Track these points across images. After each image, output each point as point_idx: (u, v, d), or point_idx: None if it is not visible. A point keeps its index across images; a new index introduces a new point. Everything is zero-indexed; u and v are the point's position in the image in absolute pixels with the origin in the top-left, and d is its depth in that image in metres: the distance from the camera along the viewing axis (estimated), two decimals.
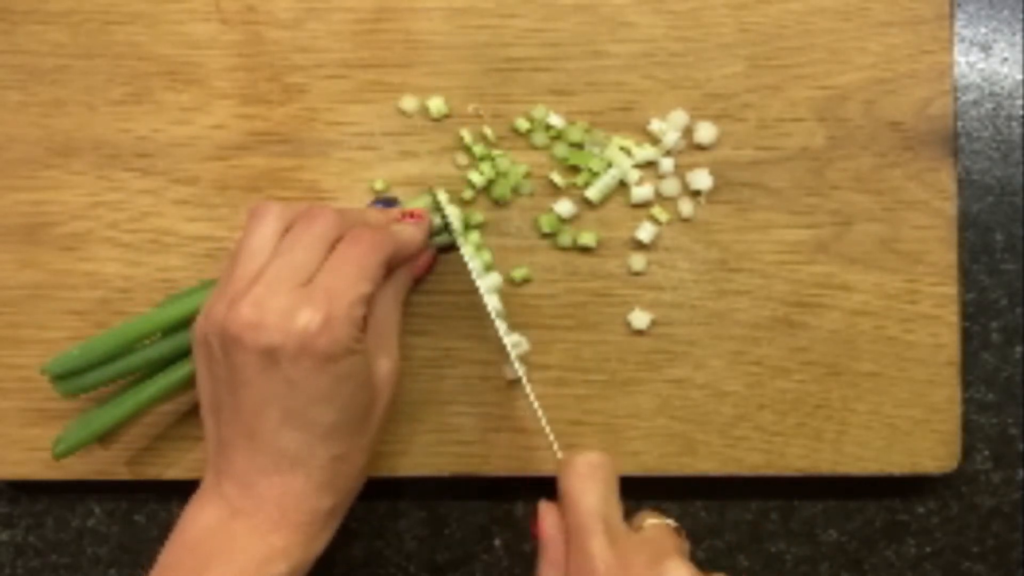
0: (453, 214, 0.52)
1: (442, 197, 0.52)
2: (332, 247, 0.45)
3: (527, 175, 0.54)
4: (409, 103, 0.54)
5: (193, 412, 0.54)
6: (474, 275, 0.51)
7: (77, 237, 0.54)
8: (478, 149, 0.54)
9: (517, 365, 0.51)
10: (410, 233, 0.50)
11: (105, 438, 0.53)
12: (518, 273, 0.54)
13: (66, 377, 0.50)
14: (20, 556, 0.57)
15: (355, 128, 0.55)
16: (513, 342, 0.53)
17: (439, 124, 0.55)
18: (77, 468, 0.54)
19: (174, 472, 0.54)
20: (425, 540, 0.57)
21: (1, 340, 0.54)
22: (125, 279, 0.54)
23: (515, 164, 0.54)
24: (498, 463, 0.54)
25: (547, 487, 0.53)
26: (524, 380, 0.50)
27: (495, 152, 0.54)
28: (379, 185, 0.54)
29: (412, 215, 0.51)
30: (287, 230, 0.46)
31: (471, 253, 0.53)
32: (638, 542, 0.44)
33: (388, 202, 0.53)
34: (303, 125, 0.55)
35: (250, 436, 0.44)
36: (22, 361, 0.54)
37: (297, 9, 0.55)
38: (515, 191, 0.54)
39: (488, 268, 0.54)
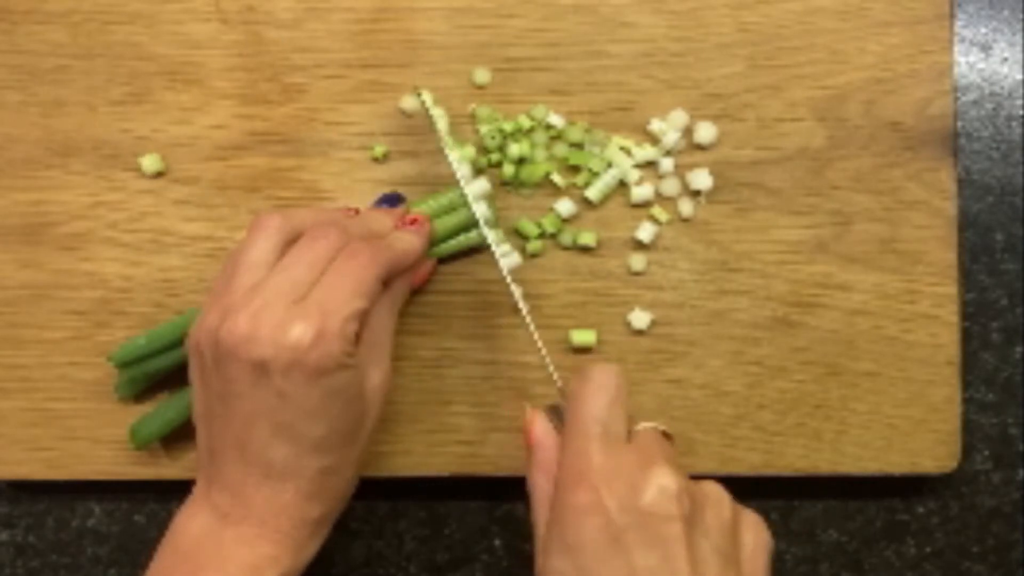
0: (439, 115, 0.52)
1: (427, 97, 0.52)
2: (332, 261, 0.46)
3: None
4: (409, 103, 0.54)
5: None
6: (462, 181, 0.51)
7: (77, 237, 0.54)
8: (507, 126, 0.54)
9: (510, 280, 0.50)
10: (409, 242, 0.49)
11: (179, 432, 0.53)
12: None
13: (131, 364, 0.52)
14: (20, 556, 0.57)
15: (355, 128, 0.55)
16: (503, 252, 0.52)
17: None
18: (77, 468, 0.54)
19: (174, 472, 0.54)
20: (425, 540, 0.57)
21: (1, 340, 0.54)
22: (125, 279, 0.54)
23: (534, 149, 0.54)
24: (498, 463, 0.54)
25: None
26: (518, 296, 0.50)
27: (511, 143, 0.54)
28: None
29: (413, 221, 0.51)
30: (289, 243, 0.46)
31: (457, 158, 0.52)
32: (630, 448, 0.44)
33: (392, 199, 0.53)
34: (303, 125, 0.55)
35: (240, 447, 0.44)
36: (22, 361, 0.54)
37: (297, 9, 0.55)
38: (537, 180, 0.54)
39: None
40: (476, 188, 0.52)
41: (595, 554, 0.41)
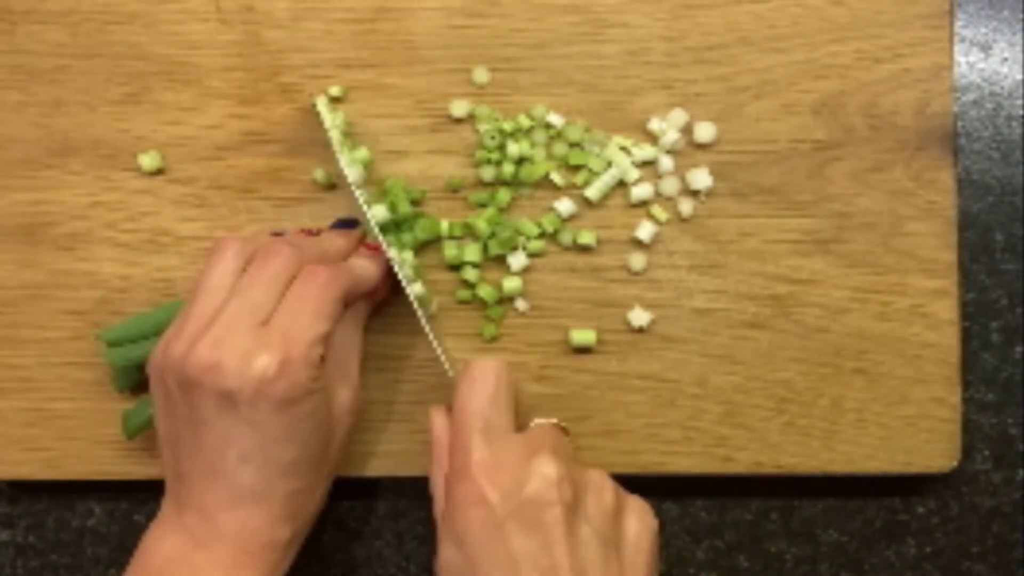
0: (331, 121, 0.52)
1: (320, 103, 0.52)
2: (290, 283, 0.45)
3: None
4: (408, 103, 0.54)
5: None
6: (351, 184, 0.51)
7: (76, 237, 0.54)
8: (507, 126, 0.54)
9: (405, 283, 0.50)
10: (366, 268, 0.49)
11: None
12: (510, 284, 0.54)
13: (119, 344, 0.51)
14: (20, 556, 0.57)
15: (353, 128, 0.55)
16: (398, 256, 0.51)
17: (439, 124, 0.55)
18: (77, 468, 0.54)
19: None
20: (425, 540, 0.57)
21: (1, 340, 0.54)
22: (123, 279, 0.54)
23: (534, 148, 0.54)
24: None
25: None
26: (410, 293, 0.50)
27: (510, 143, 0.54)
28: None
29: (370, 247, 0.51)
30: (247, 266, 0.46)
31: (338, 139, 0.51)
32: (516, 440, 0.45)
33: (348, 223, 0.53)
34: (301, 125, 0.55)
35: (210, 472, 0.44)
36: (22, 361, 0.54)
37: (295, 9, 0.55)
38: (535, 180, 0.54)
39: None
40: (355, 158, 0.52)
41: (479, 543, 0.43)
